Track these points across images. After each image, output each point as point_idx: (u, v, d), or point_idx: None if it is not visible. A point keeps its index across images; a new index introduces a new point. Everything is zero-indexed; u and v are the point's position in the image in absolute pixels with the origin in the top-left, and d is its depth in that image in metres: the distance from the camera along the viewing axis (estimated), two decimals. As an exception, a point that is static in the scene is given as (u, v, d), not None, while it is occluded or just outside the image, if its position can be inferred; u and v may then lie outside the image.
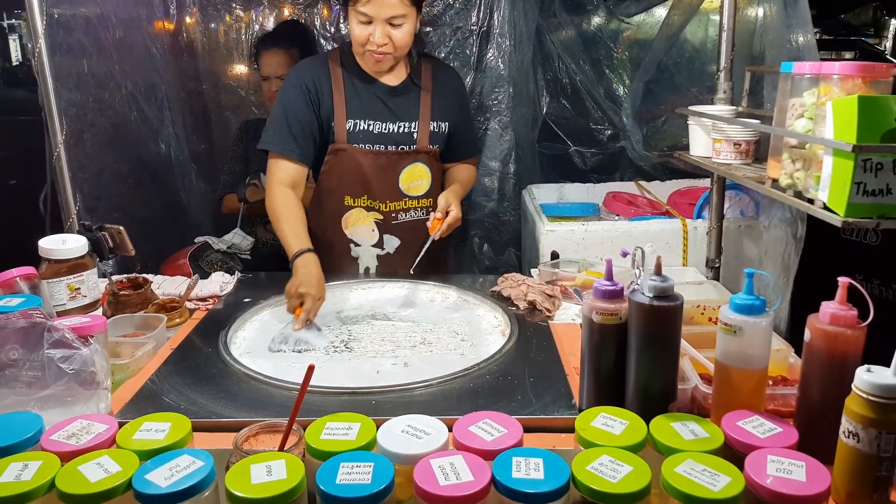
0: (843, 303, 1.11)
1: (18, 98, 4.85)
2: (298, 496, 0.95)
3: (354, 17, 1.94)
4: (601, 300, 1.23)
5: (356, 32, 1.96)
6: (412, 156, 2.13)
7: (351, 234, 2.17)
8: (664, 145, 3.27)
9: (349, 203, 2.14)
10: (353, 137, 2.07)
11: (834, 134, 1.21)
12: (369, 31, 1.93)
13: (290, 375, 1.48)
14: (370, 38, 1.94)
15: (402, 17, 1.92)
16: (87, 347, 1.28)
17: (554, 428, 1.28)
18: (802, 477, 0.96)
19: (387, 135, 2.10)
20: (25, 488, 0.96)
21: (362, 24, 1.93)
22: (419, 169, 2.15)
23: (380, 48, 1.95)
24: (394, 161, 2.11)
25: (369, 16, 1.91)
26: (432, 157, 2.18)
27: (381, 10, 1.89)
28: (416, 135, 2.12)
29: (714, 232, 2.15)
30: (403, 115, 2.11)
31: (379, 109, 2.09)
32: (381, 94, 2.09)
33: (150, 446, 1.06)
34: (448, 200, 1.98)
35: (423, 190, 2.19)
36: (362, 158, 2.08)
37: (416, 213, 2.19)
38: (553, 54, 3.34)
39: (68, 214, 2.16)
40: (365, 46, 1.97)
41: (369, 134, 2.08)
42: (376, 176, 2.10)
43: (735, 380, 1.19)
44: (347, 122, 2.06)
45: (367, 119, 2.08)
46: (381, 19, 1.91)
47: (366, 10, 1.90)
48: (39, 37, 2.01)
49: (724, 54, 2.04)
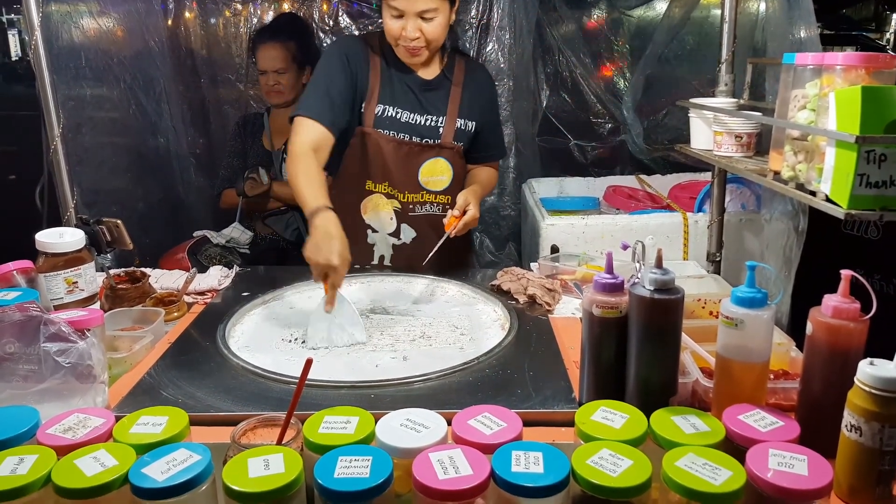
0: (845, 296, 1.10)
1: (18, 93, 4.84)
2: (296, 490, 0.94)
3: (387, 10, 1.94)
4: (601, 293, 1.22)
5: (389, 26, 1.96)
6: (435, 150, 2.12)
7: (369, 219, 2.16)
8: (665, 139, 3.26)
9: (370, 188, 2.13)
10: (379, 122, 2.07)
11: (837, 125, 1.20)
12: (401, 25, 1.93)
13: (288, 369, 1.47)
14: (403, 32, 1.93)
15: (433, 11, 1.92)
16: (83, 341, 1.27)
17: (553, 422, 1.27)
18: (804, 471, 0.95)
19: (413, 125, 2.09)
20: (21, 482, 0.95)
21: (395, 17, 1.93)
22: (440, 164, 2.14)
23: (412, 42, 1.95)
24: (416, 152, 2.11)
25: (401, 10, 1.91)
26: (456, 153, 2.16)
27: (413, 4, 1.89)
28: (441, 129, 2.12)
29: (715, 225, 2.14)
30: (432, 109, 2.11)
31: (409, 100, 2.09)
32: (414, 85, 2.09)
33: (147, 440, 1.05)
34: (467, 199, 1.97)
35: (443, 186, 2.17)
36: (385, 145, 2.07)
37: (433, 208, 2.18)
38: (553, 48, 3.33)
39: (66, 208, 2.15)
40: (398, 40, 1.97)
41: (396, 121, 2.08)
42: (397, 165, 2.10)
43: (736, 373, 1.18)
44: (377, 106, 2.06)
45: (396, 106, 2.07)
46: (413, 13, 1.91)
47: (397, 4, 1.90)
48: (36, 29, 2.00)
49: (725, 47, 2.03)
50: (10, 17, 5.74)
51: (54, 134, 2.08)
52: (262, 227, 2.95)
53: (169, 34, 3.34)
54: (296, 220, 2.94)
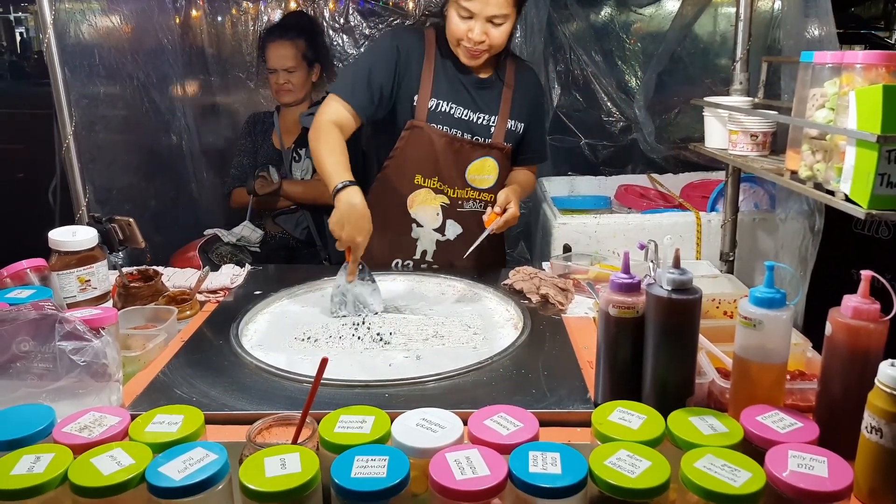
0: (865, 296, 1.09)
1: (26, 91, 4.87)
2: (313, 490, 0.94)
3: (455, 10, 1.91)
4: (618, 293, 1.21)
5: (455, 26, 1.93)
6: (485, 149, 2.12)
7: (416, 213, 2.15)
8: (677, 137, 3.24)
9: (419, 182, 2.12)
10: (432, 117, 2.06)
11: (857, 124, 1.19)
12: (468, 27, 1.91)
13: (302, 368, 1.47)
14: (469, 34, 1.91)
15: (503, 17, 1.91)
16: (98, 339, 1.27)
17: (569, 422, 1.26)
18: (825, 472, 0.95)
19: (465, 121, 2.09)
20: (38, 481, 0.95)
21: (463, 18, 1.91)
22: (489, 164, 2.14)
23: (477, 45, 1.93)
24: (467, 150, 2.10)
25: (472, 12, 1.88)
26: (504, 154, 2.16)
27: (486, 7, 1.87)
28: (493, 129, 2.11)
29: (729, 225, 2.13)
30: (485, 108, 2.10)
31: (463, 97, 2.08)
32: (469, 83, 2.08)
33: (163, 439, 1.05)
34: (508, 197, 1.97)
35: (488, 185, 2.17)
36: (438, 140, 2.06)
37: (476, 205, 2.17)
38: (565, 46, 3.31)
39: (78, 206, 2.15)
40: (461, 41, 1.95)
41: (449, 116, 2.07)
42: (447, 160, 2.09)
43: (754, 374, 1.17)
44: (430, 100, 2.05)
45: (450, 102, 2.07)
46: (484, 17, 1.89)
47: (469, 5, 1.87)
48: (49, 27, 2.00)
49: (740, 45, 2.02)
50: (18, 14, 5.75)
51: (66, 133, 2.08)
52: (272, 226, 2.95)
53: (180, 32, 3.34)
54: (306, 218, 2.94)
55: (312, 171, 2.92)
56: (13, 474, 0.96)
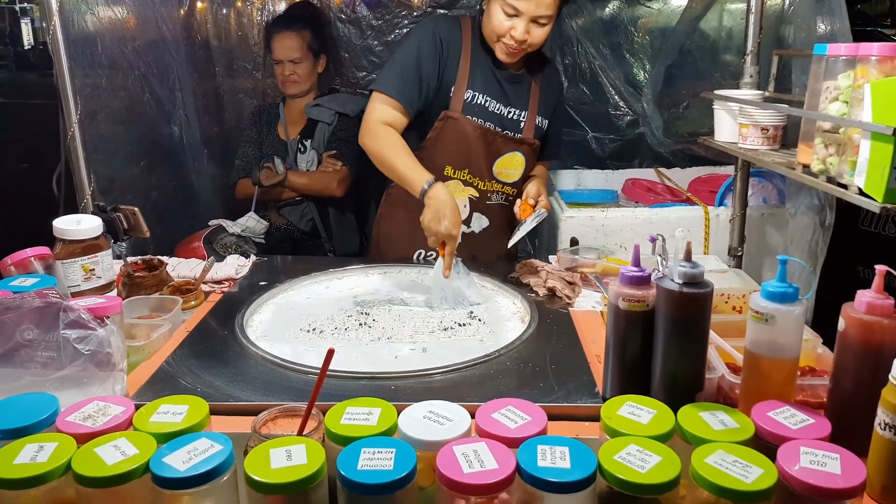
0: (879, 291, 1.07)
1: (30, 82, 4.85)
2: (319, 481, 0.93)
3: (500, 6, 1.88)
4: (628, 286, 1.19)
5: (498, 22, 1.90)
6: (515, 144, 2.11)
7: None
8: (685, 131, 3.22)
9: (448, 174, 2.10)
10: (468, 108, 2.04)
11: (873, 117, 1.17)
12: (512, 24, 1.89)
13: (307, 359, 1.46)
14: (511, 32, 1.89)
15: (547, 18, 1.89)
16: (103, 328, 1.26)
17: (577, 416, 1.25)
18: (837, 469, 0.93)
19: (498, 115, 2.08)
20: (41, 470, 0.94)
21: (508, 15, 1.88)
22: (517, 158, 2.13)
23: (518, 43, 1.91)
24: (498, 143, 2.09)
25: (519, 10, 1.86)
26: (532, 150, 2.16)
27: (536, 7, 1.85)
28: (523, 124, 2.11)
29: (738, 219, 2.11)
30: (516, 102, 2.10)
31: (496, 90, 2.07)
32: (503, 77, 2.07)
33: (167, 429, 1.04)
34: (539, 190, 1.97)
35: (514, 179, 2.16)
36: (472, 132, 2.05)
37: (499, 198, 2.17)
38: (572, 39, 3.29)
39: (83, 195, 2.14)
40: (502, 37, 1.92)
41: (484, 109, 2.06)
42: (478, 152, 2.07)
43: (765, 369, 1.15)
44: (467, 92, 2.03)
45: (485, 94, 2.05)
46: (529, 16, 1.87)
47: (518, 4, 1.85)
48: (54, 16, 1.99)
49: (751, 38, 1.99)
50: (24, 5, 5.74)
51: (72, 121, 2.07)
52: (276, 217, 2.94)
53: (183, 23, 3.32)
54: (311, 209, 2.93)
55: (317, 162, 2.91)
56: (16, 463, 0.95)
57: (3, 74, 5.32)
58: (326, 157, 2.87)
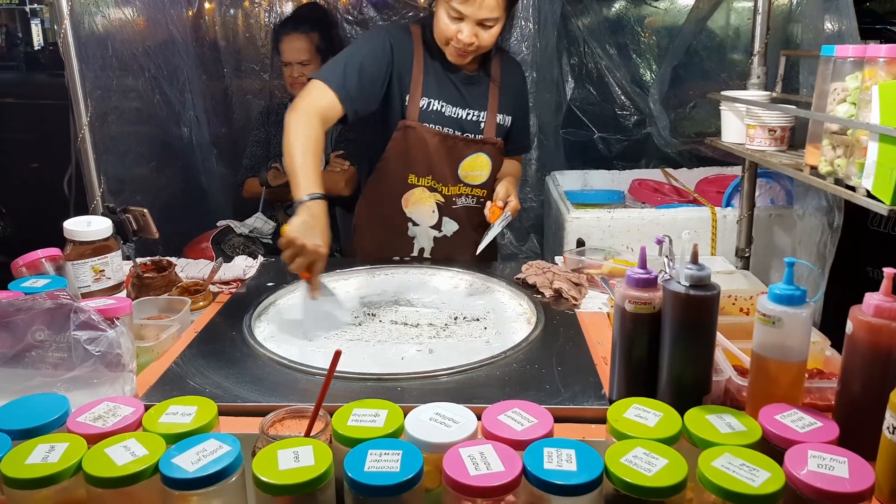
0: (888, 294, 1.07)
1: (41, 82, 4.88)
2: (326, 483, 0.94)
3: (445, 10, 1.87)
4: (634, 288, 1.20)
5: (444, 27, 1.90)
6: (478, 145, 2.11)
7: (411, 212, 2.15)
8: (692, 132, 3.22)
9: (412, 181, 2.10)
10: (424, 116, 2.04)
11: (881, 119, 1.16)
12: (458, 28, 1.87)
13: (314, 360, 1.46)
14: (458, 36, 1.88)
15: (494, 20, 1.87)
16: (113, 329, 1.27)
17: (583, 418, 1.25)
18: (845, 473, 0.93)
19: (456, 119, 2.07)
20: (52, 470, 0.95)
21: (452, 19, 1.87)
22: (481, 159, 2.13)
23: (466, 47, 1.90)
24: (459, 147, 2.08)
25: (463, 14, 1.85)
26: (496, 149, 2.15)
27: (479, 11, 1.83)
28: (483, 125, 2.10)
29: (745, 220, 2.10)
30: (474, 104, 2.09)
31: (453, 94, 2.06)
32: (458, 80, 2.06)
33: (176, 430, 1.05)
34: (508, 191, 1.96)
35: (481, 180, 2.16)
36: (431, 139, 2.04)
37: (469, 200, 2.17)
38: (579, 39, 3.29)
39: (93, 196, 2.15)
40: (451, 41, 1.92)
41: (441, 115, 2.05)
42: (440, 158, 2.07)
43: (773, 372, 1.15)
44: (422, 99, 2.02)
45: (441, 100, 2.04)
46: (475, 19, 1.85)
47: (461, 7, 1.83)
48: (65, 18, 2.00)
49: (758, 38, 1.99)
50: (34, 6, 5.77)
51: (82, 123, 2.08)
52: (284, 218, 2.95)
53: (192, 24, 3.34)
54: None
55: (325, 162, 2.91)
56: (28, 463, 0.96)
57: (14, 75, 5.35)
58: (334, 157, 2.88)
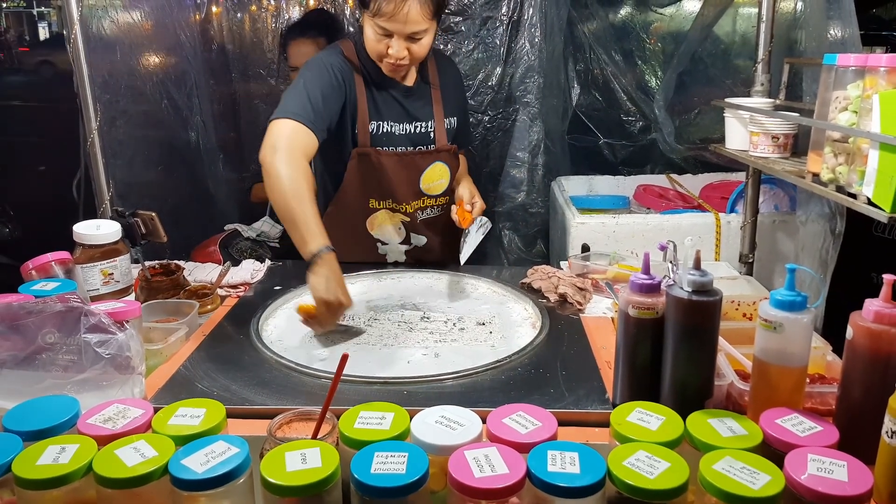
0: (887, 300, 1.08)
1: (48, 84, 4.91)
2: (333, 484, 0.95)
3: (371, 27, 1.83)
4: (638, 294, 1.21)
5: (373, 44, 1.86)
6: (433, 155, 2.09)
7: (377, 234, 2.14)
8: (697, 138, 3.22)
9: (374, 206, 2.09)
10: (376, 140, 2.01)
11: (881, 127, 1.18)
12: (387, 44, 1.83)
13: (321, 364, 1.48)
14: (389, 51, 1.84)
15: (423, 32, 1.83)
16: (122, 332, 1.29)
17: (587, 422, 1.26)
18: (844, 477, 0.94)
19: (406, 135, 2.05)
20: (63, 471, 0.96)
21: (381, 35, 1.83)
22: (439, 168, 2.12)
23: (399, 61, 1.86)
24: (416, 162, 2.07)
25: (388, 30, 1.80)
26: (451, 155, 2.14)
27: (405, 26, 1.78)
28: (433, 134, 2.09)
29: (749, 226, 2.11)
30: (419, 115, 2.06)
31: (397, 111, 2.03)
32: (398, 94, 2.03)
33: (185, 432, 1.07)
34: (472, 192, 1.96)
35: (441, 189, 2.15)
36: (386, 161, 2.02)
37: (434, 211, 2.17)
38: (584, 45, 3.30)
39: (101, 200, 2.18)
40: (383, 58, 1.88)
41: (391, 135, 2.03)
42: (399, 178, 2.05)
43: (774, 377, 1.16)
44: (370, 124, 1.99)
45: (389, 121, 2.02)
46: (403, 35, 1.82)
47: (387, 25, 1.79)
48: (75, 23, 2.03)
49: (762, 46, 2.00)
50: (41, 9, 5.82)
51: (91, 127, 2.11)
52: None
53: (200, 28, 3.36)
54: (324, 214, 2.95)
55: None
56: (39, 464, 0.98)
57: (20, 77, 5.39)
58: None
